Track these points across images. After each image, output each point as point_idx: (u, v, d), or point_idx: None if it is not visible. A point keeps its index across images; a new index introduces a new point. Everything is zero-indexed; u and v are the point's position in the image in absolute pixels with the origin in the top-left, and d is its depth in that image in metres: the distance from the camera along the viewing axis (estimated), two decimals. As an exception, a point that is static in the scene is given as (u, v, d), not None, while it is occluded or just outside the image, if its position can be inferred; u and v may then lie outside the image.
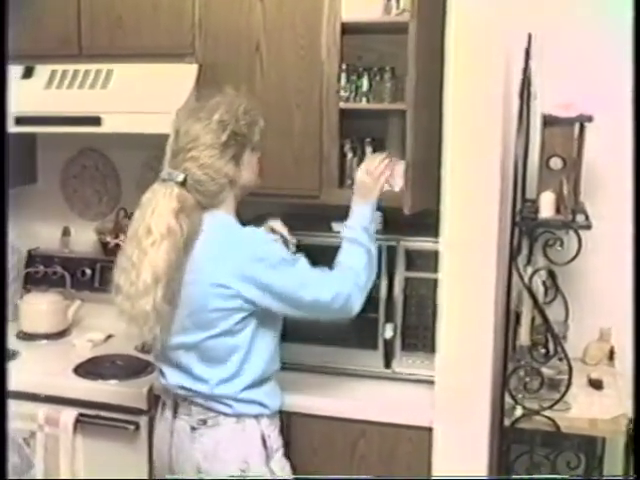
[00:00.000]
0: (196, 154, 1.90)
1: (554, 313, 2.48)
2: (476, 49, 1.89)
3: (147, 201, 1.93)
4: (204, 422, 1.97)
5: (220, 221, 1.95)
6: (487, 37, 1.89)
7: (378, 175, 2.11)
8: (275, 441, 2.02)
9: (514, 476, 2.33)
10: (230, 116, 1.92)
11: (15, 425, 2.36)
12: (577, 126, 2.23)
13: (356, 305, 1.99)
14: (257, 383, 1.98)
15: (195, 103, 2.00)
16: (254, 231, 1.95)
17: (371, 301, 2.29)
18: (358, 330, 2.33)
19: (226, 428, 1.97)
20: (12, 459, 2.38)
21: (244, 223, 1.98)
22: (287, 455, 2.05)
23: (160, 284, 1.86)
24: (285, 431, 2.13)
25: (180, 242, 1.86)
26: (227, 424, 1.97)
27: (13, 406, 2.33)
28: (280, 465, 2.02)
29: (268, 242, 1.96)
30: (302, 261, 1.96)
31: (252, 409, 1.98)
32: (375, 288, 2.29)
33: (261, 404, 1.99)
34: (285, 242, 2.13)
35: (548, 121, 2.21)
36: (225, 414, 1.96)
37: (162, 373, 2.04)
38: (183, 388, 1.99)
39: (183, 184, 1.90)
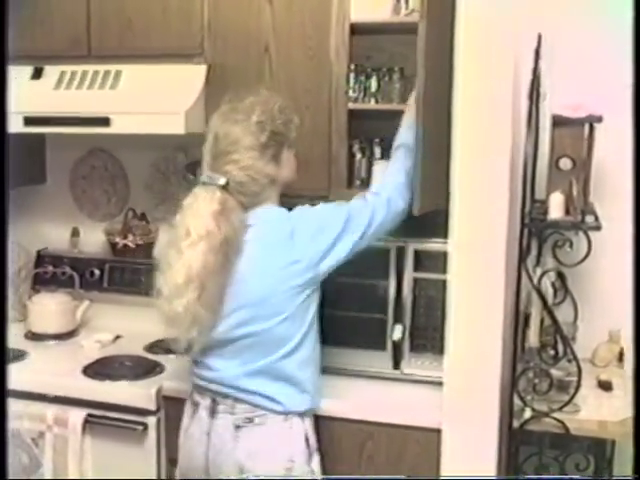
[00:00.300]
0: (237, 157, 1.94)
1: (563, 314, 2.47)
2: (485, 49, 1.88)
3: (188, 205, 1.96)
4: (251, 420, 1.98)
5: (269, 212, 2.00)
6: (496, 37, 1.88)
7: None
8: (315, 441, 2.06)
9: (522, 477, 2.32)
10: (267, 116, 1.97)
11: (23, 425, 2.37)
12: (587, 127, 2.22)
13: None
14: (307, 369, 2.02)
15: (227, 105, 2.01)
16: (301, 208, 2.02)
17: (380, 302, 2.31)
18: (366, 331, 2.33)
19: (274, 426, 1.98)
20: (21, 459, 2.39)
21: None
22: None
23: (193, 285, 1.88)
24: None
25: (218, 244, 1.89)
26: (275, 422, 1.98)
27: (22, 406, 2.37)
28: (318, 466, 2.05)
29: (320, 210, 2.02)
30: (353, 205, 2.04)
31: (298, 404, 2.00)
32: (384, 289, 2.30)
33: (306, 398, 2.02)
34: None
35: (557, 122, 2.20)
36: (274, 411, 1.98)
37: (207, 370, 2.03)
38: (227, 386, 1.99)
39: (225, 187, 1.93)
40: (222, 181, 1.93)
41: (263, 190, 1.99)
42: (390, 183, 2.11)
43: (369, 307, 2.33)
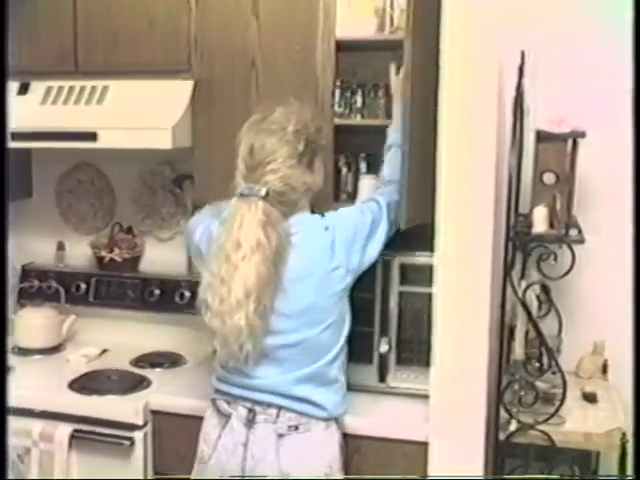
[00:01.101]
0: (275, 167, 1.97)
1: (548, 327, 2.49)
2: (470, 67, 1.91)
3: (231, 217, 1.97)
4: (296, 428, 2.00)
5: (307, 220, 2.05)
6: (481, 55, 1.91)
7: None
8: (344, 449, 2.10)
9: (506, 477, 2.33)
10: (302, 125, 2.01)
11: (9, 441, 2.35)
12: (570, 142, 2.25)
13: None
14: (342, 372, 2.09)
15: (258, 116, 2.04)
16: (335, 214, 2.08)
17: (366, 315, 2.31)
18: (353, 344, 2.33)
19: (317, 433, 2.01)
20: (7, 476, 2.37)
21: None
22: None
23: (251, 298, 1.90)
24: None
25: (270, 255, 1.92)
26: (318, 429, 2.01)
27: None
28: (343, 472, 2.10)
29: (351, 215, 2.08)
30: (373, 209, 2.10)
31: (341, 407, 2.08)
32: (370, 302, 2.31)
33: (343, 403, 2.09)
34: None
35: (541, 137, 2.23)
36: (317, 418, 2.01)
37: (246, 378, 2.02)
38: (271, 395, 2.00)
39: (265, 197, 1.95)
40: (263, 192, 1.95)
41: (300, 198, 2.03)
42: (392, 191, 2.16)
43: (355, 320, 2.32)
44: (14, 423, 2.34)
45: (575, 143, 2.25)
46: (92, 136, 2.41)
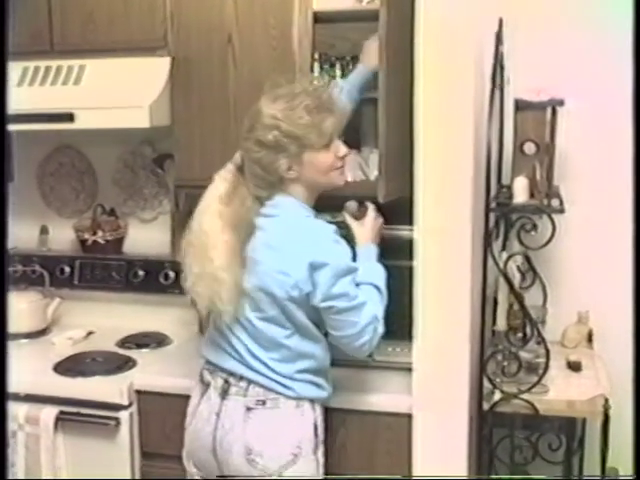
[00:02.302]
0: (248, 145, 1.99)
1: (532, 298, 2.50)
2: (446, 35, 1.88)
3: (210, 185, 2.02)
4: (263, 403, 1.99)
5: (288, 207, 2.00)
6: (457, 22, 1.88)
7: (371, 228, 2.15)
8: (322, 432, 2.06)
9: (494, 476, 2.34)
10: (283, 114, 1.93)
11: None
12: (549, 110, 2.23)
13: (373, 346, 2.02)
14: (313, 367, 2.03)
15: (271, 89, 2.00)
16: (322, 227, 1.98)
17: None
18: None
19: (285, 411, 2.00)
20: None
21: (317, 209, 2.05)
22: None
23: (221, 260, 1.92)
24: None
25: (233, 223, 1.94)
26: (287, 407, 2.00)
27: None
28: (322, 457, 2.06)
29: (334, 242, 1.97)
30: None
31: (310, 391, 2.02)
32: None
33: (318, 386, 2.04)
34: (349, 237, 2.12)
35: (520, 106, 2.22)
36: (286, 396, 1.99)
37: (218, 351, 2.05)
38: (243, 367, 2.00)
39: (241, 169, 2.01)
40: (238, 159, 2.01)
41: (279, 183, 1.98)
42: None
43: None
44: (-1, 407, 2.36)
45: (554, 112, 2.24)
46: (69, 117, 2.39)
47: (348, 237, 2.08)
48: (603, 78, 2.45)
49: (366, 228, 2.13)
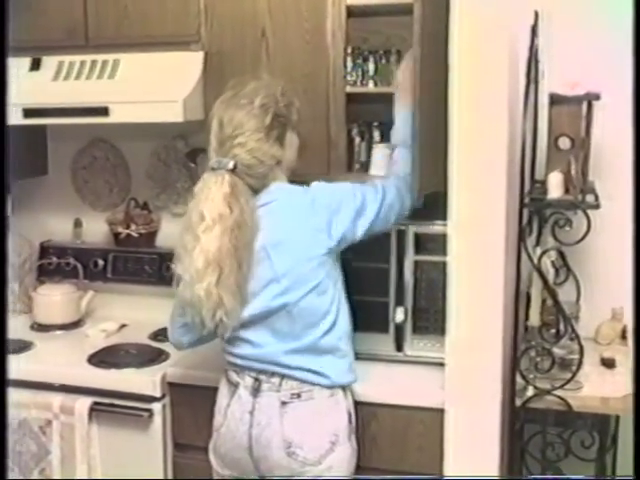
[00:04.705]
0: (243, 140, 1.98)
1: (566, 294, 2.48)
2: (481, 28, 1.87)
3: (199, 190, 1.99)
4: (298, 395, 2.02)
5: (284, 188, 2.06)
6: (492, 16, 1.87)
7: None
8: (355, 418, 2.10)
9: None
10: (270, 99, 2.01)
11: (31, 414, 2.40)
12: (585, 104, 2.21)
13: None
14: (347, 340, 2.08)
15: (230, 91, 2.05)
16: (320, 183, 2.07)
17: (381, 285, 2.31)
18: (369, 314, 2.33)
19: (321, 401, 2.02)
20: (29, 447, 2.42)
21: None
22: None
23: (211, 268, 1.92)
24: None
25: (231, 226, 1.93)
26: (321, 397, 2.03)
27: (29, 395, 2.39)
28: (355, 442, 2.10)
29: (339, 187, 2.07)
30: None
31: (343, 377, 2.06)
32: (385, 272, 2.31)
33: (348, 371, 2.08)
34: None
35: (555, 100, 2.20)
36: (320, 386, 2.02)
37: (249, 347, 2.05)
38: (273, 365, 2.02)
39: (233, 170, 1.97)
40: (231, 165, 1.97)
41: (270, 171, 2.03)
42: (396, 179, 2.15)
43: (371, 290, 2.34)
44: (35, 397, 2.40)
45: (590, 106, 2.21)
46: (104, 111, 2.41)
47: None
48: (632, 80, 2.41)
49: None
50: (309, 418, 2.01)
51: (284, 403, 2.01)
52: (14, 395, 2.39)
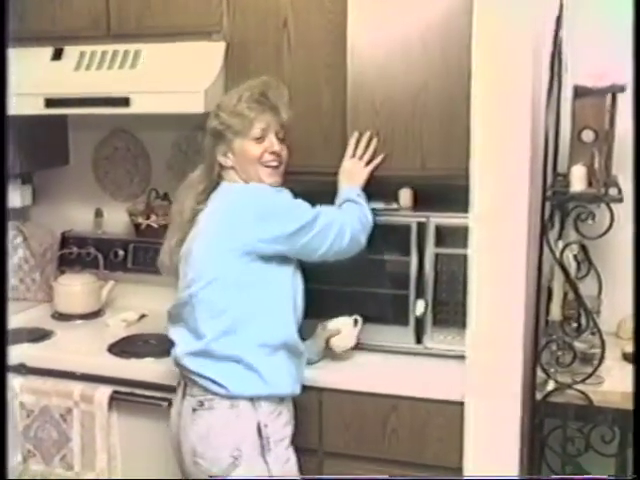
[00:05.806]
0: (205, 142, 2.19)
1: (588, 288, 2.46)
2: (505, 21, 1.86)
3: None
4: (201, 404, 1.99)
5: (226, 189, 2.08)
6: (517, 8, 1.86)
7: (365, 163, 2.26)
8: (276, 432, 1.98)
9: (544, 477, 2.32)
10: (220, 107, 2.11)
11: (52, 402, 2.42)
12: (609, 97, 2.19)
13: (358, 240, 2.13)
14: (259, 351, 1.97)
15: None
16: (256, 187, 2.06)
17: (402, 278, 2.31)
18: (389, 306, 2.34)
19: (219, 412, 1.96)
20: (51, 434, 2.44)
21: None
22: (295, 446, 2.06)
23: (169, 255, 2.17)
24: (317, 407, 2.16)
25: (181, 222, 2.13)
26: (220, 408, 1.96)
27: (50, 384, 2.41)
28: (282, 458, 1.99)
29: (271, 196, 2.05)
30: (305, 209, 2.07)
31: (245, 387, 1.95)
32: (405, 265, 2.30)
33: (260, 377, 1.95)
34: None
35: (579, 92, 2.17)
36: (220, 396, 1.95)
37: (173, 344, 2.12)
38: (186, 353, 2.04)
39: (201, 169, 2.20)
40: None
41: (220, 175, 2.11)
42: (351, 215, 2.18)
43: (391, 283, 2.34)
44: (56, 385, 2.42)
45: (614, 98, 2.19)
46: (125, 101, 2.41)
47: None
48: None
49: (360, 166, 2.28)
50: (208, 428, 1.95)
51: (194, 410, 1.99)
52: (35, 382, 2.43)
